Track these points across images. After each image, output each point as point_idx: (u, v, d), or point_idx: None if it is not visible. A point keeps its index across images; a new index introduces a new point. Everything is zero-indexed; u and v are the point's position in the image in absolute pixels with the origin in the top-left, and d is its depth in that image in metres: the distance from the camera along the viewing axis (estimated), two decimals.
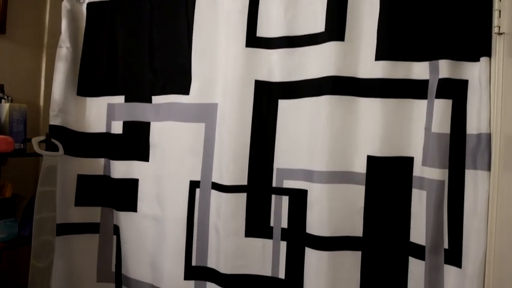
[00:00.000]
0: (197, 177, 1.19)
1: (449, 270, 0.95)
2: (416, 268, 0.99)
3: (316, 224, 1.04)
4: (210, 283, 1.18)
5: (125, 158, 1.29)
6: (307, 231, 1.06)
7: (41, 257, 1.18)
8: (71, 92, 1.32)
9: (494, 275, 0.89)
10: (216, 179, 1.17)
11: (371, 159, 1.02)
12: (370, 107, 1.03)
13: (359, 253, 1.04)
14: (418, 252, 0.99)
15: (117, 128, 1.30)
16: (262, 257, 1.13)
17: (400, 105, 1.01)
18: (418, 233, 0.99)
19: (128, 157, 1.29)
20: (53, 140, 1.25)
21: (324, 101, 1.05)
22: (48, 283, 1.20)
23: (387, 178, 1.02)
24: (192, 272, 1.19)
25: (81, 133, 1.33)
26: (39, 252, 1.17)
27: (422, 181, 0.99)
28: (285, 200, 1.12)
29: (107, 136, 1.32)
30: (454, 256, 0.94)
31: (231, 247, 1.13)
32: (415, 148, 1.01)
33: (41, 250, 1.18)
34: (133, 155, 1.29)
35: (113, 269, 1.33)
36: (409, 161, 1.01)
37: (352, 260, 1.04)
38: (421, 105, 1.00)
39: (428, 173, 0.97)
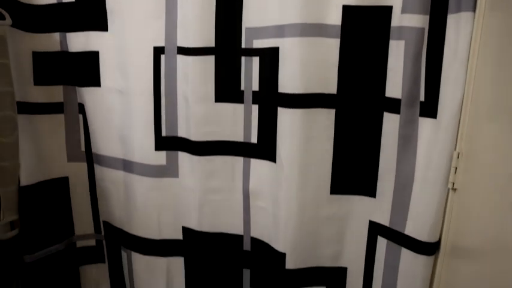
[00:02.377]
0: (161, 43, 1.10)
1: (424, 123, 0.92)
2: (390, 123, 0.97)
3: (289, 81, 0.99)
4: (181, 152, 1.15)
5: (81, 29, 1.17)
6: (279, 90, 1.01)
7: (5, 132, 1.13)
8: None
9: (470, 122, 0.86)
10: (181, 42, 1.08)
11: (346, 9, 0.94)
12: None
13: (333, 111, 1.00)
14: (393, 106, 0.95)
15: None
16: (234, 122, 1.09)
17: None
18: (394, 87, 0.95)
19: (84, 28, 1.17)
20: None
21: None
22: (17, 160, 1.16)
23: (363, 30, 0.95)
24: (163, 142, 1.15)
25: (29, 5, 1.18)
26: (2, 128, 1.12)
27: (400, 31, 0.92)
28: (255, 61, 1.04)
29: (58, 7, 1.18)
30: (430, 107, 0.91)
31: (200, 113, 1.08)
32: None
33: (4, 125, 1.13)
34: (90, 25, 1.17)
35: (83, 148, 1.29)
36: (388, 10, 0.93)
37: (325, 117, 1.00)
38: None
39: (408, 20, 0.90)
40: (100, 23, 1.15)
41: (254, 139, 1.08)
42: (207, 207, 1.15)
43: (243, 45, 1.04)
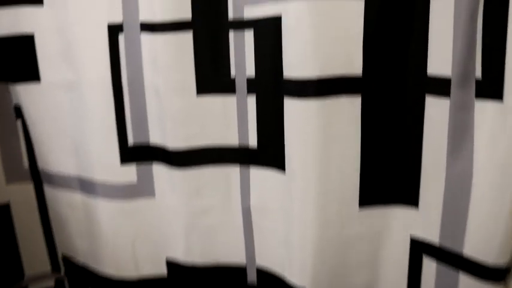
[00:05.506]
0: (118, 18, 0.86)
1: (483, 107, 0.72)
2: (435, 110, 0.77)
3: (297, 61, 0.77)
4: (157, 164, 0.93)
5: (6, 3, 0.93)
6: (284, 75, 0.79)
7: None
8: None
9: None
10: (145, 16, 0.85)
11: None
12: None
13: (358, 98, 0.79)
14: (439, 87, 0.75)
15: None
16: (224, 120, 0.87)
17: None
18: (440, 61, 0.74)
19: (9, 1, 0.92)
20: None
21: None
22: None
23: None
24: (131, 152, 0.93)
25: None
26: None
27: None
28: (249, 35, 0.82)
29: None
30: (491, 85, 0.70)
31: (178, 111, 0.86)
32: None
33: None
34: None
35: (26, 165, 1.06)
36: None
37: (349, 108, 0.79)
38: None
39: None
40: None
41: (253, 141, 0.87)
42: (196, 232, 0.93)
43: (231, 16, 0.82)
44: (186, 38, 0.83)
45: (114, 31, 0.87)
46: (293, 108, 0.80)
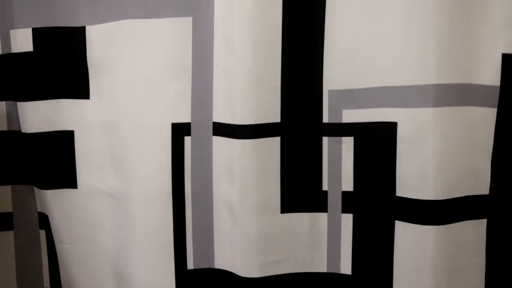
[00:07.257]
0: (185, 117, 0.73)
1: None
2: None
3: (418, 180, 0.64)
4: None
5: (44, 95, 0.79)
6: (397, 193, 0.66)
7: None
8: None
9: None
10: (220, 116, 0.71)
11: (509, 61, 0.62)
12: None
13: (483, 222, 0.67)
14: None
15: (23, 41, 0.77)
16: (312, 242, 0.72)
17: None
18: None
19: (49, 93, 0.79)
20: None
21: None
22: None
23: None
24: (190, 279, 0.76)
25: None
26: None
27: None
28: (348, 143, 0.69)
29: (6, 59, 0.79)
30: None
31: (257, 233, 0.70)
32: None
33: None
34: (59, 89, 0.79)
35: (47, 284, 0.87)
36: None
37: (473, 233, 0.67)
38: None
39: None
40: (77, 85, 0.78)
41: (346, 268, 0.71)
42: None
43: (326, 119, 0.70)
44: (272, 145, 0.69)
45: (179, 132, 0.73)
46: (408, 234, 0.66)
